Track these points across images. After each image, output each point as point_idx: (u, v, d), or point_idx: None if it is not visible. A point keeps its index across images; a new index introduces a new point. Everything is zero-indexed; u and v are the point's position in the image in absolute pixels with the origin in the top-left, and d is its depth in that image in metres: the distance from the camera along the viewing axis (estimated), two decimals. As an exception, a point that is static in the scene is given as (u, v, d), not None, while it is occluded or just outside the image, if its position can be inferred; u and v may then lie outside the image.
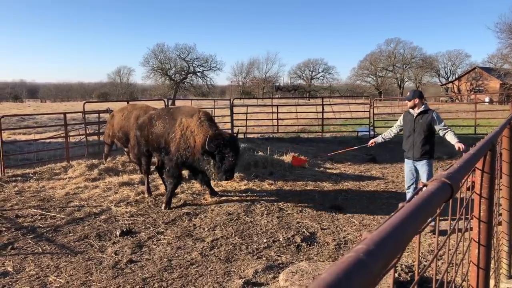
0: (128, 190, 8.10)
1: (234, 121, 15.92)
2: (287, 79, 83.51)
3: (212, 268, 4.80)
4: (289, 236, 5.81)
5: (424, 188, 0.96)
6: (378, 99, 29.61)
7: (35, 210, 6.99)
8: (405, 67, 75.47)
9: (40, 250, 5.34)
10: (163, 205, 7.18)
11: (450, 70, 76.29)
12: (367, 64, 77.35)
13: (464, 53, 75.39)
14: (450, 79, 72.58)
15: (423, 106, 6.08)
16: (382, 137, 6.70)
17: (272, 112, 18.03)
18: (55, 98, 80.00)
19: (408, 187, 6.28)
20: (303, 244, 5.54)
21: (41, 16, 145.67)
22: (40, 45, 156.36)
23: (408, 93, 6.32)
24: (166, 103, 14.18)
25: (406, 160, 6.28)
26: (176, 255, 5.19)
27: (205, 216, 6.72)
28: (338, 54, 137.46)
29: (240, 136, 15.54)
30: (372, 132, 15.75)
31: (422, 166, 6.05)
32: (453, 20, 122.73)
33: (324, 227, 6.19)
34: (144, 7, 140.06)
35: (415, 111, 6.11)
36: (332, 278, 0.46)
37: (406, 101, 6.26)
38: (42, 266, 4.85)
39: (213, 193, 7.91)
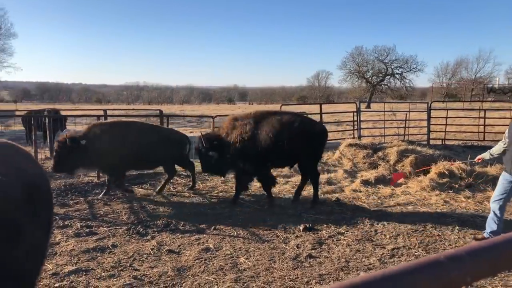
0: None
1: (431, 126, 14.77)
2: (503, 80, 72.29)
3: (389, 276, 4.64)
4: (484, 257, 5.14)
5: None
6: None
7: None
8: None
9: (235, 233, 6.10)
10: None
11: None
12: None
13: None
14: None
15: None
16: (490, 153, 5.79)
17: (479, 117, 16.01)
18: (260, 101, 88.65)
19: (495, 201, 5.40)
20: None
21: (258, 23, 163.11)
22: (251, 54, 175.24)
23: None
24: (358, 106, 14.15)
25: (503, 172, 5.45)
26: (354, 257, 5.21)
27: (388, 223, 6.51)
28: None
29: (437, 142, 14.35)
30: None
31: None
32: None
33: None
34: (345, 12, 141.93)
35: None
36: None
37: None
38: (235, 248, 5.53)
39: None
